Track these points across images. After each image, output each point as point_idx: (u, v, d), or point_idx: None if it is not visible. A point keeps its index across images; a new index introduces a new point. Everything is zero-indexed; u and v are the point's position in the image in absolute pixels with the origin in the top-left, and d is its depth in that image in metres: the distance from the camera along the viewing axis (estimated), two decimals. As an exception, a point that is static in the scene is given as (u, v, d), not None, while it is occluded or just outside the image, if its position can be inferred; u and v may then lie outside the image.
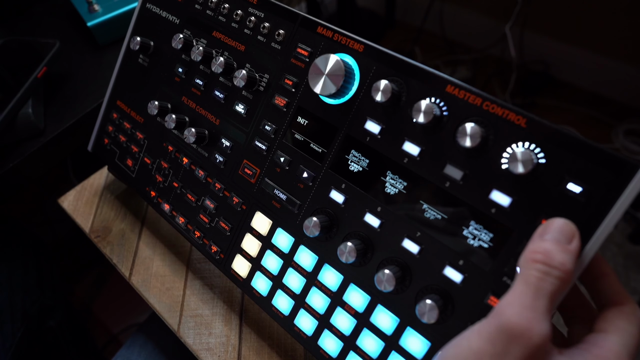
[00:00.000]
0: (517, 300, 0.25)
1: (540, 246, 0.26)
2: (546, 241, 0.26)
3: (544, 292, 0.25)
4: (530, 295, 0.25)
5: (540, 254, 0.26)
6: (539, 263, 0.25)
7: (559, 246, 0.26)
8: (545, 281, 0.25)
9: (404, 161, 0.35)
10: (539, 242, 0.27)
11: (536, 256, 0.26)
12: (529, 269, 0.26)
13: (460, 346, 0.26)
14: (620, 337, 0.26)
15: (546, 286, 0.25)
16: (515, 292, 0.25)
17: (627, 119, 1.48)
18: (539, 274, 0.25)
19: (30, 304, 0.71)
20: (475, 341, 0.25)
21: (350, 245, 0.35)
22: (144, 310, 1.20)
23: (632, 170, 0.27)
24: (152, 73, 0.52)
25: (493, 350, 0.24)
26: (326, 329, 0.39)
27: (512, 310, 0.24)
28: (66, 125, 0.65)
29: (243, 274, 0.44)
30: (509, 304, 0.25)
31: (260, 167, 0.43)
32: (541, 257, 0.25)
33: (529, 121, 0.30)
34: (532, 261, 0.26)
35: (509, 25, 1.47)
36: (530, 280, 0.25)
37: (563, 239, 0.26)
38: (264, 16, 0.43)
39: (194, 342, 0.48)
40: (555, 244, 0.26)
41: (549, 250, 0.26)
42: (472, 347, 0.25)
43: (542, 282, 0.25)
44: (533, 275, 0.25)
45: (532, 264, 0.26)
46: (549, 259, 0.25)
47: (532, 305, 0.24)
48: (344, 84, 0.36)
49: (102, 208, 0.60)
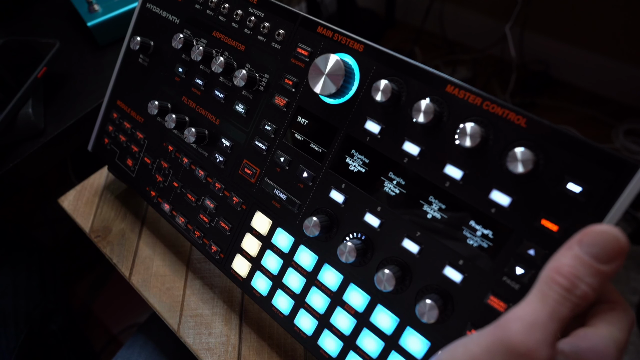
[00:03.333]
0: (528, 317, 0.23)
1: (567, 266, 0.23)
2: (578, 258, 0.23)
3: (558, 315, 0.23)
4: (544, 315, 0.23)
5: (565, 278, 0.23)
6: (560, 287, 0.23)
7: (591, 269, 0.23)
8: (563, 305, 0.23)
9: (404, 161, 0.35)
10: (570, 257, 0.23)
11: (559, 280, 0.23)
12: (550, 289, 0.23)
13: (456, 352, 0.25)
14: (609, 332, 0.26)
15: (563, 310, 0.23)
16: (528, 307, 0.23)
17: (627, 119, 1.48)
18: (558, 297, 0.23)
19: (33, 307, 0.72)
20: (473, 350, 0.24)
21: (350, 245, 0.35)
22: (144, 311, 1.20)
23: (632, 170, 0.27)
24: (152, 73, 0.52)
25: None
26: (326, 328, 0.39)
27: (519, 327, 0.22)
28: (66, 125, 0.65)
29: (243, 274, 0.44)
30: (517, 319, 0.23)
31: (260, 167, 0.43)
32: (565, 283, 0.23)
33: (529, 121, 0.30)
34: (554, 283, 0.23)
35: (509, 25, 1.47)
36: (549, 301, 0.23)
37: (603, 256, 0.23)
38: (264, 16, 0.43)
39: (194, 342, 0.48)
40: (588, 266, 0.23)
41: (576, 274, 0.23)
42: (468, 355, 0.24)
43: (559, 306, 0.23)
44: (552, 297, 0.23)
45: (554, 286, 0.23)
46: (573, 287, 0.23)
47: (543, 328, 0.22)
48: (344, 83, 0.37)
49: (102, 208, 0.60)
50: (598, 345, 0.25)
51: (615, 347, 0.25)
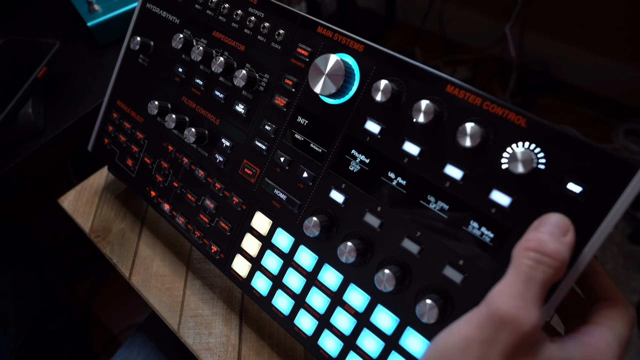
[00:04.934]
0: (507, 289, 0.25)
1: (533, 236, 0.26)
2: (541, 232, 0.27)
3: (534, 280, 0.25)
4: (520, 283, 0.25)
5: (533, 242, 0.26)
6: (531, 251, 0.26)
7: (553, 237, 0.26)
8: (537, 269, 0.25)
9: (404, 161, 0.35)
10: (532, 233, 0.27)
11: (529, 244, 0.26)
12: (521, 257, 0.26)
13: (450, 333, 0.26)
14: (611, 328, 0.27)
15: (537, 275, 0.25)
16: (506, 280, 0.26)
17: (627, 119, 1.48)
18: (530, 262, 0.25)
19: (33, 307, 0.72)
20: (465, 328, 0.25)
21: (350, 245, 0.35)
22: (144, 310, 1.20)
23: (632, 170, 0.27)
24: (152, 73, 0.52)
25: (482, 336, 0.24)
26: (326, 328, 0.39)
27: (502, 298, 0.25)
28: (66, 125, 0.65)
29: (243, 274, 0.44)
30: (499, 292, 0.25)
31: (260, 167, 0.43)
32: (534, 245, 0.26)
33: (529, 121, 0.30)
34: (524, 249, 0.26)
35: (509, 25, 1.47)
36: (522, 269, 0.25)
37: (558, 231, 0.27)
38: (264, 16, 0.43)
39: (194, 342, 0.48)
40: (549, 234, 0.26)
41: (542, 239, 0.26)
42: (461, 333, 0.25)
43: (533, 271, 0.25)
44: (525, 264, 0.25)
45: (525, 252, 0.26)
46: (542, 247, 0.25)
47: (522, 294, 0.25)
48: (344, 83, 0.36)
49: (102, 208, 0.60)
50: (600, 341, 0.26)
51: (618, 342, 0.26)
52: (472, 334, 0.25)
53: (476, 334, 0.25)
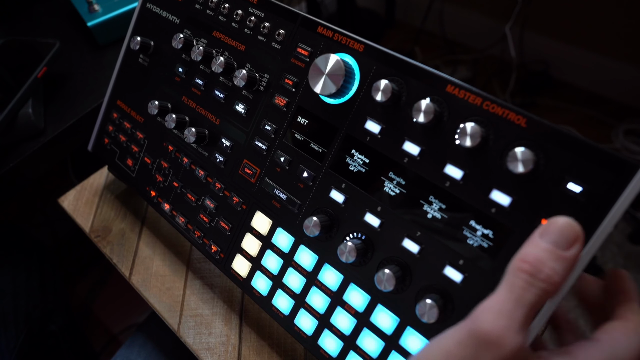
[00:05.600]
0: (495, 307, 0.24)
1: (531, 253, 0.24)
2: (540, 246, 0.24)
3: (525, 301, 0.24)
4: (510, 302, 0.24)
5: (528, 264, 0.24)
6: (525, 273, 0.24)
7: (552, 254, 0.24)
8: (529, 291, 0.24)
9: (404, 161, 0.35)
10: (533, 246, 0.25)
11: (523, 266, 0.24)
12: (515, 277, 0.24)
13: (432, 347, 0.25)
14: (611, 348, 0.25)
15: (529, 296, 0.24)
16: (496, 296, 0.24)
17: (627, 119, 1.48)
18: (523, 283, 0.24)
19: (33, 307, 0.72)
20: (445, 343, 0.25)
21: (350, 245, 0.35)
22: (144, 310, 1.20)
23: (632, 170, 0.27)
24: (152, 73, 0.52)
25: (461, 354, 0.24)
26: (326, 328, 0.39)
27: (487, 317, 0.24)
28: (66, 125, 0.65)
29: (243, 274, 0.44)
30: (486, 309, 0.24)
31: (261, 166, 0.43)
32: (528, 268, 0.24)
33: (529, 121, 0.30)
34: (519, 270, 0.24)
35: (509, 25, 1.47)
36: (514, 288, 0.24)
37: (563, 242, 0.24)
38: (264, 16, 0.43)
39: (194, 341, 0.48)
40: (549, 252, 0.24)
41: (539, 259, 0.24)
42: (442, 349, 0.25)
43: (525, 292, 0.24)
44: (517, 285, 0.24)
45: (519, 273, 0.24)
46: (537, 271, 0.24)
47: (510, 313, 0.23)
48: (344, 83, 0.37)
49: (102, 208, 0.60)
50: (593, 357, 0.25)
51: None
52: (452, 351, 0.24)
53: (456, 351, 0.24)
